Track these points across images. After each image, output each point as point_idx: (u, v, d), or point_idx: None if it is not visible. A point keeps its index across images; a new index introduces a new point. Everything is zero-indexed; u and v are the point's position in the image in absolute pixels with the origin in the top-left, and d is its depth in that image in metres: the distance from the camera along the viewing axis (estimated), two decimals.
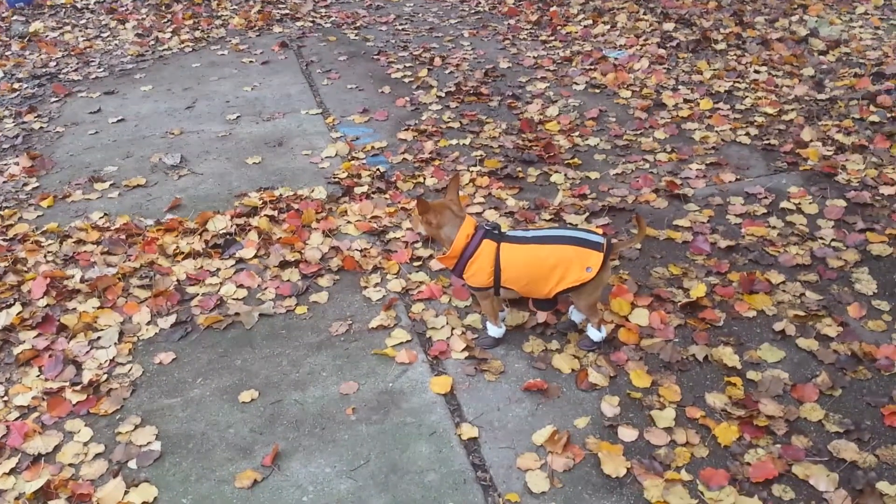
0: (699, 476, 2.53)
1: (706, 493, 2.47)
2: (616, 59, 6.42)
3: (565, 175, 4.53)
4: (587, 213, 4.08)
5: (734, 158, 4.70)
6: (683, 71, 6.09)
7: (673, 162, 4.66)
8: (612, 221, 4.01)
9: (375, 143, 5.02)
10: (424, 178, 4.52)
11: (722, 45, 6.61)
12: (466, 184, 4.44)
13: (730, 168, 4.57)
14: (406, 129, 5.21)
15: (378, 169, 4.65)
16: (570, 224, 2.97)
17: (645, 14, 7.63)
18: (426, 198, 3.90)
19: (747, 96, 5.56)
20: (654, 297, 3.39)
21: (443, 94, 5.82)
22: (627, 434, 2.70)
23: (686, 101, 5.52)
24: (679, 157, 4.72)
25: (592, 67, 6.24)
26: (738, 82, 5.83)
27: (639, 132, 5.08)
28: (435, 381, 2.98)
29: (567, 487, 2.52)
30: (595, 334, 3.06)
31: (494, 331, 3.12)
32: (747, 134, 4.98)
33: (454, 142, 5.01)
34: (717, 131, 5.05)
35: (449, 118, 5.38)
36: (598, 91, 5.81)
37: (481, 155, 4.80)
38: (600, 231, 3.00)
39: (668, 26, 7.17)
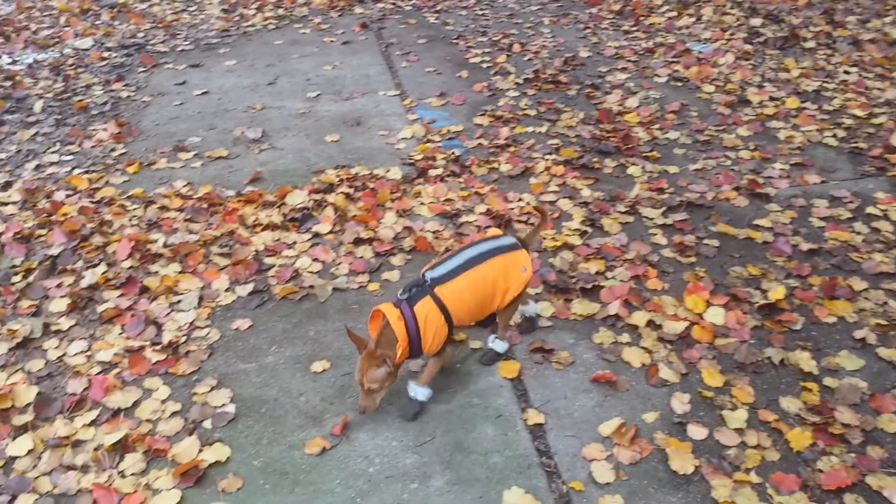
0: (769, 479, 2.49)
1: (776, 496, 2.43)
2: (700, 52, 6.28)
3: (643, 168, 4.47)
4: (664, 208, 4.02)
5: (820, 160, 4.56)
6: (770, 68, 5.92)
7: (755, 160, 4.54)
8: (690, 217, 3.94)
9: (451, 127, 5.04)
10: (499, 164, 4.52)
11: (811, 44, 6.39)
12: (541, 172, 4.42)
13: (815, 169, 4.43)
14: (482, 115, 5.21)
15: (453, 152, 4.66)
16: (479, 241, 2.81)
17: (732, 8, 7.42)
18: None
19: (836, 97, 5.37)
20: (730, 296, 3.33)
21: (520, 81, 5.79)
22: (697, 432, 2.67)
23: (772, 98, 5.37)
24: (762, 155, 4.60)
25: (675, 60, 6.12)
26: (826, 82, 5.64)
27: (721, 128, 4.97)
28: (503, 366, 3.00)
29: (632, 480, 2.51)
30: (501, 346, 3.00)
31: (425, 393, 2.78)
32: (834, 135, 4.82)
33: (530, 129, 4.99)
34: (802, 131, 4.90)
35: (526, 105, 5.35)
36: (680, 84, 5.70)
37: (557, 144, 4.77)
38: (500, 232, 2.93)
39: (756, 21, 6.97)
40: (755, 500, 2.41)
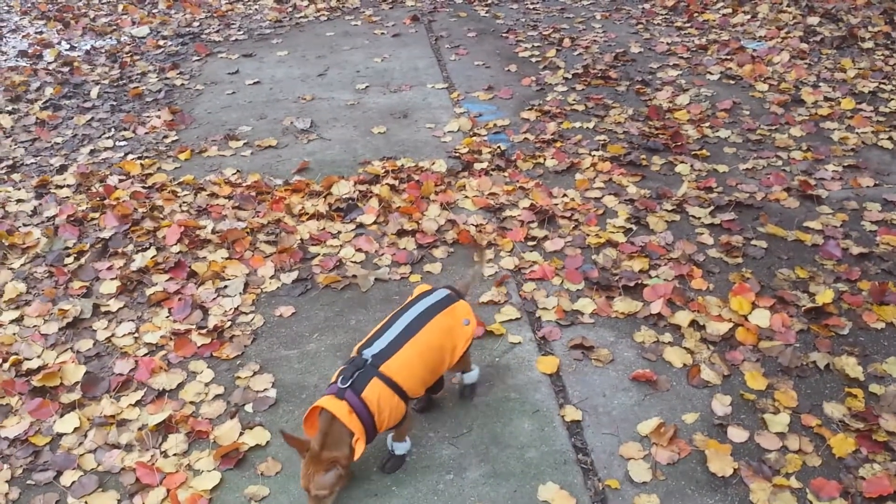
0: (809, 485, 2.44)
1: (815, 502, 2.38)
2: (754, 50, 6.15)
3: (691, 166, 4.40)
4: (712, 207, 3.97)
5: (874, 163, 4.44)
6: (826, 68, 5.78)
7: (808, 161, 4.44)
8: (738, 217, 3.87)
9: (498, 121, 5.03)
10: (545, 159, 4.50)
11: (869, 44, 6.22)
12: (587, 168, 4.39)
13: (868, 172, 4.32)
14: (530, 109, 5.20)
15: (499, 147, 4.66)
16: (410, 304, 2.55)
17: (788, 6, 7.26)
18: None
19: (892, 99, 5.22)
20: (777, 298, 3.27)
21: (569, 76, 5.75)
22: (737, 435, 2.63)
23: (826, 98, 5.24)
24: (815, 156, 4.50)
25: (728, 57, 6.01)
26: (883, 83, 5.48)
27: (773, 127, 4.87)
28: (542, 361, 2.99)
29: (670, 481, 2.49)
30: (472, 376, 2.79)
31: (405, 447, 2.58)
32: (890, 138, 4.69)
33: (577, 125, 4.96)
34: (857, 133, 4.77)
35: (574, 100, 5.31)
36: (732, 82, 5.59)
37: (604, 140, 4.73)
38: (429, 286, 2.70)
39: (813, 20, 6.80)
40: None
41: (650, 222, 3.85)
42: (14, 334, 3.25)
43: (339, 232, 3.88)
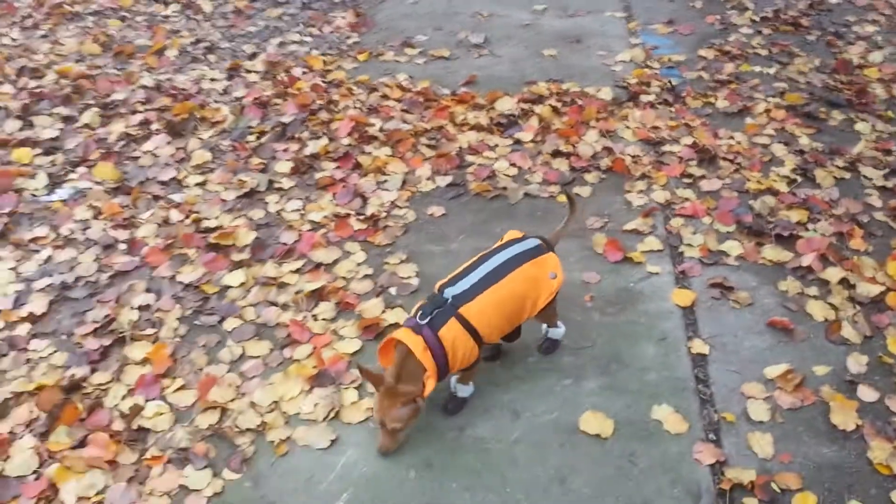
0: None
1: None
2: None
3: (873, 126, 4.14)
4: (887, 170, 3.75)
5: None
6: None
7: None
8: None
9: (673, 56, 4.91)
10: (716, 100, 4.38)
11: None
12: (760, 113, 4.23)
13: None
14: (709, 47, 5.02)
15: (669, 81, 4.56)
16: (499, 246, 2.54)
17: None
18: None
19: None
20: None
21: (757, 19, 5.48)
22: (867, 394, 2.58)
23: None
24: None
25: None
26: None
27: None
28: (677, 293, 3.02)
29: (787, 425, 2.49)
30: (558, 333, 2.76)
31: (468, 390, 2.59)
32: None
33: (757, 69, 4.75)
34: None
35: (758, 44, 5.07)
36: None
37: (784, 88, 4.52)
38: (520, 233, 2.62)
39: None
40: None
41: (817, 176, 3.70)
42: (197, 196, 3.64)
43: (497, 145, 4.00)
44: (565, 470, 2.37)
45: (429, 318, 2.32)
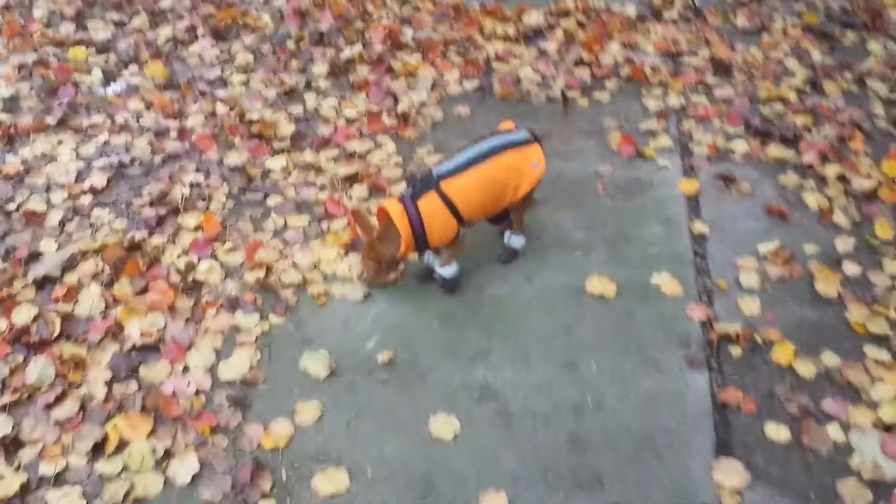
0: None
1: None
2: None
3: (885, 46, 4.31)
4: (894, 83, 3.92)
5: None
6: None
7: None
8: None
9: None
10: (736, 16, 4.55)
11: None
12: (777, 31, 4.41)
13: None
14: None
15: (693, 2, 4.73)
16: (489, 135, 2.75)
17: None
18: None
19: None
20: None
21: None
22: (851, 269, 2.82)
23: None
24: None
25: None
26: None
27: None
28: (684, 182, 3.26)
29: (775, 293, 2.75)
30: (518, 241, 2.91)
31: (450, 271, 2.76)
32: None
33: None
34: None
35: None
36: None
37: (802, 10, 4.67)
38: (513, 125, 2.81)
39: None
40: (886, 328, 2.57)
41: (826, 87, 3.89)
42: (241, 93, 3.91)
43: (522, 55, 4.21)
44: (571, 322, 2.66)
45: (412, 190, 2.60)
